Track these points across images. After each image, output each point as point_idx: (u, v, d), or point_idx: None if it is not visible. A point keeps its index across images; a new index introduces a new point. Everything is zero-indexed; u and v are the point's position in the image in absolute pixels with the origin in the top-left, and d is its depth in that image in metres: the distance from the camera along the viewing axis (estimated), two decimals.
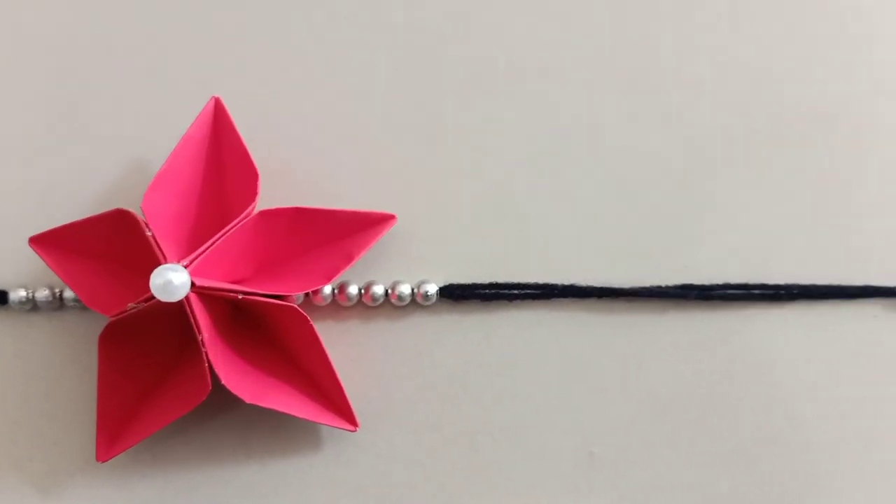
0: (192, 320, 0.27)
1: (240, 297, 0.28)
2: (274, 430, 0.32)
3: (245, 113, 0.33)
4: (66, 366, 0.32)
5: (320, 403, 0.31)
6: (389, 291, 0.33)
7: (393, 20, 0.35)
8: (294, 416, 0.31)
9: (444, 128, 0.34)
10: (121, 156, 0.34)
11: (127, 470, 0.32)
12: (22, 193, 0.33)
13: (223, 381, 0.28)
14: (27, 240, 0.32)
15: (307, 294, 0.32)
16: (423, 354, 0.33)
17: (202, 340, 0.27)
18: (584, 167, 0.34)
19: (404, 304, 0.33)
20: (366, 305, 0.33)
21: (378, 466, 0.32)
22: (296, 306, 0.29)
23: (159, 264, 0.27)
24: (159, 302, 0.27)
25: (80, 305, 0.32)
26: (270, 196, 0.33)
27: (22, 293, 0.32)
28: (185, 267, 0.27)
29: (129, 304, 0.28)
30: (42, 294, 0.32)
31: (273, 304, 0.29)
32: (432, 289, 0.33)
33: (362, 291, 0.33)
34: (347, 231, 0.31)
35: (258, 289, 0.30)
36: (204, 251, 0.28)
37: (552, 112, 0.34)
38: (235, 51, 0.35)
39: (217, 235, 0.28)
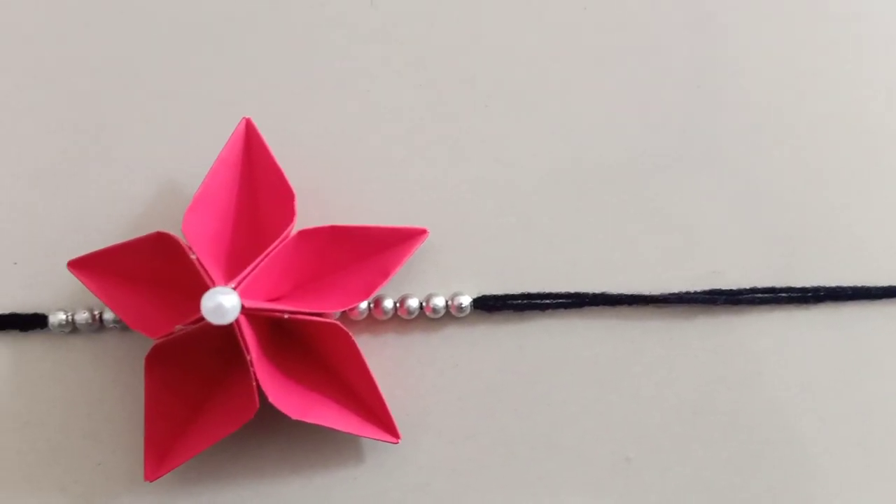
0: (241, 341, 0.28)
1: (286, 316, 0.29)
2: (316, 445, 0.33)
3: (272, 132, 0.33)
4: (107, 387, 0.33)
5: (362, 417, 0.31)
6: (424, 304, 0.33)
7: (417, 37, 0.35)
8: (337, 431, 0.31)
9: (471, 141, 0.35)
10: (151, 178, 0.34)
11: (173, 489, 0.32)
12: (55, 217, 0.34)
13: (270, 399, 0.29)
14: (64, 263, 0.32)
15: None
16: (459, 365, 0.34)
17: (251, 360, 0.28)
18: (611, 177, 0.35)
19: (439, 316, 0.33)
20: (401, 319, 0.33)
21: (419, 477, 0.33)
22: (338, 322, 0.30)
23: (205, 287, 0.28)
24: (207, 323, 0.28)
25: (120, 327, 0.33)
26: (301, 215, 0.33)
27: (62, 316, 0.32)
28: (234, 289, 0.28)
29: (177, 327, 0.28)
30: (82, 316, 0.32)
31: (315, 321, 0.29)
32: (466, 301, 0.33)
33: (397, 305, 0.33)
34: (381, 247, 0.32)
35: (298, 307, 0.30)
36: (249, 272, 0.28)
37: (577, 123, 0.35)
38: (260, 71, 0.35)
39: (261, 256, 0.29)
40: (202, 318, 0.27)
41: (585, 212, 0.34)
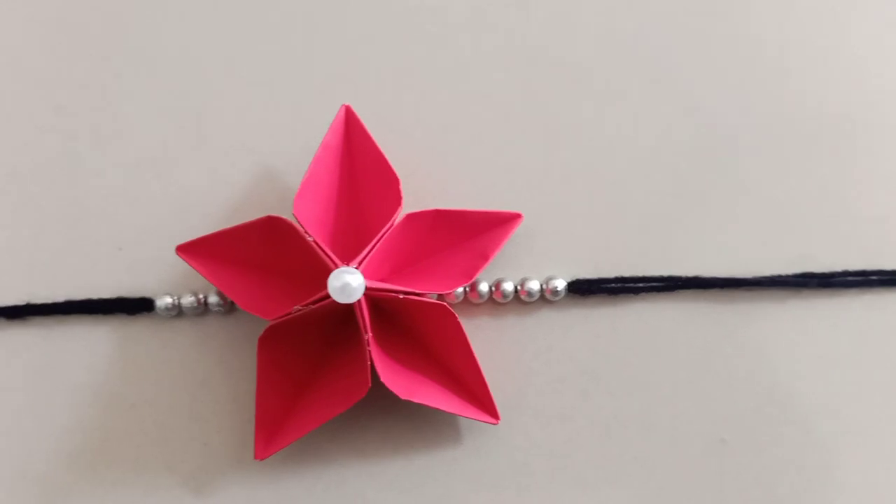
0: (361, 320, 0.28)
1: (401, 297, 0.29)
2: (415, 426, 0.33)
3: (367, 118, 0.34)
4: (211, 369, 0.34)
5: (463, 398, 0.32)
6: (519, 288, 0.34)
7: (510, 23, 0.36)
8: (438, 411, 0.32)
9: (565, 126, 0.35)
10: (248, 165, 0.35)
11: (276, 468, 0.33)
12: (158, 204, 0.35)
13: (382, 378, 0.29)
14: (167, 248, 0.33)
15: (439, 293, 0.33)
16: (553, 348, 0.34)
17: (368, 339, 0.29)
18: (703, 160, 0.35)
19: (533, 299, 0.34)
20: (496, 302, 0.34)
21: (516, 457, 0.33)
22: (446, 304, 0.30)
23: (322, 268, 0.28)
24: (324, 304, 0.28)
25: (223, 311, 0.33)
26: None
27: (168, 300, 0.33)
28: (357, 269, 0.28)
29: (295, 307, 0.29)
30: (187, 300, 0.33)
31: (425, 301, 0.30)
32: (561, 284, 0.34)
33: (493, 289, 0.34)
34: (479, 231, 0.32)
35: (405, 287, 0.31)
36: (368, 254, 0.29)
37: (670, 106, 0.35)
38: (355, 59, 0.36)
39: (375, 239, 0.29)
40: (321, 299, 0.28)
41: (678, 195, 0.35)
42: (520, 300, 0.34)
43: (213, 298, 0.33)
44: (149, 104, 0.35)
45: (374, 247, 0.29)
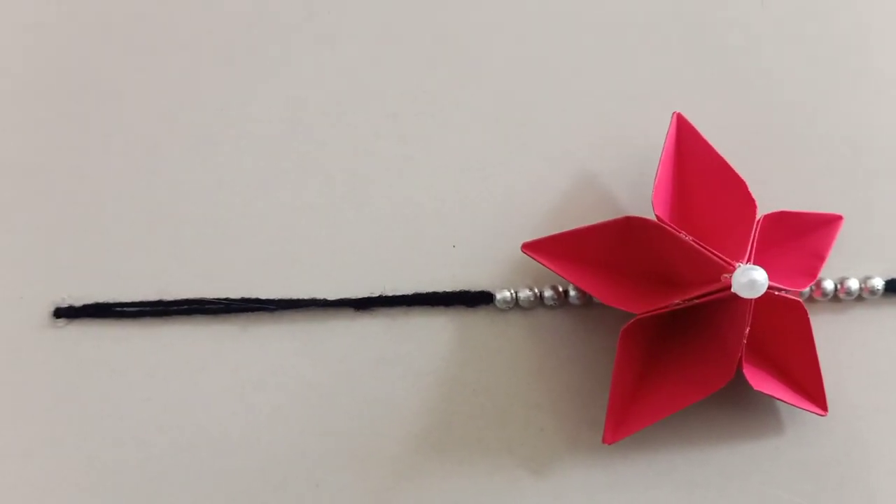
0: (748, 314, 0.30)
1: (776, 293, 0.31)
2: (738, 415, 0.35)
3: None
4: (544, 359, 0.36)
5: (793, 389, 0.33)
6: (838, 286, 0.35)
7: (809, 32, 0.38)
8: (758, 401, 0.34)
9: (866, 129, 0.37)
10: (567, 169, 0.37)
11: (609, 453, 0.35)
12: (486, 205, 0.37)
13: (744, 370, 0.31)
14: (495, 246, 0.36)
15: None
16: (868, 344, 0.36)
17: (747, 333, 0.31)
18: None
19: (851, 298, 0.35)
20: (814, 300, 0.36)
21: (837, 448, 0.35)
22: (800, 300, 0.32)
23: (700, 264, 0.31)
24: (704, 299, 0.31)
25: (554, 305, 0.36)
26: None
27: (507, 293, 0.36)
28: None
29: (675, 301, 0.31)
30: (524, 294, 0.36)
31: (781, 297, 0.32)
32: (879, 283, 0.35)
33: (812, 288, 0.35)
34: (806, 231, 0.34)
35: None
36: (750, 251, 0.31)
37: None
38: (666, 68, 0.38)
39: (751, 238, 0.32)
40: (705, 295, 0.30)
41: None
42: (837, 298, 0.36)
43: (548, 293, 0.35)
44: (475, 111, 0.38)
45: (752, 245, 0.31)
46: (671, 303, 0.31)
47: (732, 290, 0.30)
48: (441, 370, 0.36)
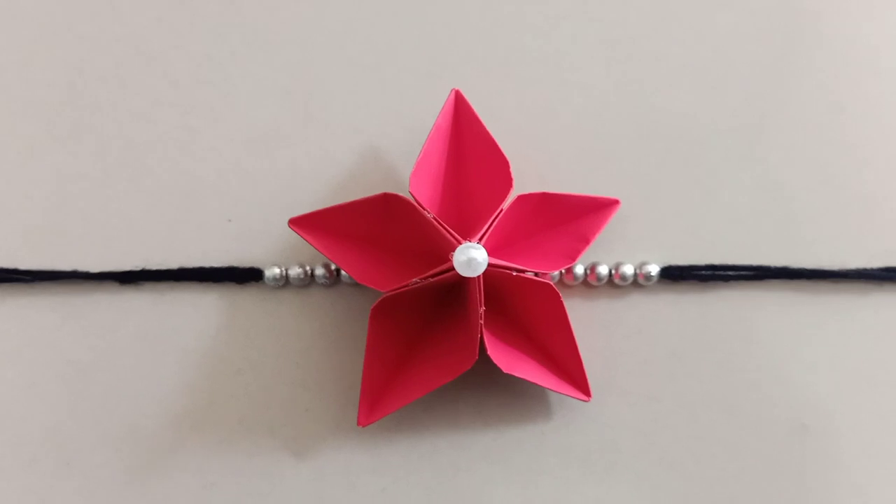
0: (477, 294, 0.30)
1: (514, 273, 0.31)
2: (507, 400, 0.34)
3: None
4: (315, 339, 0.35)
5: (557, 374, 0.33)
6: (613, 272, 0.35)
7: (610, 14, 0.37)
8: (528, 387, 0.34)
9: (660, 116, 0.36)
10: (354, 144, 0.36)
11: (374, 435, 0.34)
12: (266, 179, 0.36)
13: (489, 352, 0.30)
14: (273, 222, 0.35)
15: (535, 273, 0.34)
16: (643, 331, 0.35)
17: (482, 313, 0.30)
18: (789, 154, 0.36)
19: (626, 283, 0.35)
20: (589, 284, 0.35)
21: (604, 434, 0.35)
22: (551, 283, 0.31)
23: (442, 243, 0.30)
24: (439, 278, 0.30)
25: (328, 283, 0.35)
26: None
27: (276, 270, 0.35)
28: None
29: (414, 280, 0.30)
30: (295, 271, 0.35)
31: (530, 280, 0.31)
32: (654, 270, 0.35)
33: (587, 272, 0.35)
34: (578, 214, 0.34)
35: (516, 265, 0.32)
36: (486, 231, 0.30)
37: (763, 101, 0.36)
38: (457, 45, 0.37)
39: (491, 218, 0.31)
40: (440, 273, 0.30)
41: (769, 188, 0.36)
42: (612, 284, 0.35)
43: (319, 271, 0.35)
44: (261, 82, 0.36)
45: (491, 224, 0.31)
46: (410, 281, 0.30)
47: (454, 268, 0.29)
48: (207, 348, 0.35)
